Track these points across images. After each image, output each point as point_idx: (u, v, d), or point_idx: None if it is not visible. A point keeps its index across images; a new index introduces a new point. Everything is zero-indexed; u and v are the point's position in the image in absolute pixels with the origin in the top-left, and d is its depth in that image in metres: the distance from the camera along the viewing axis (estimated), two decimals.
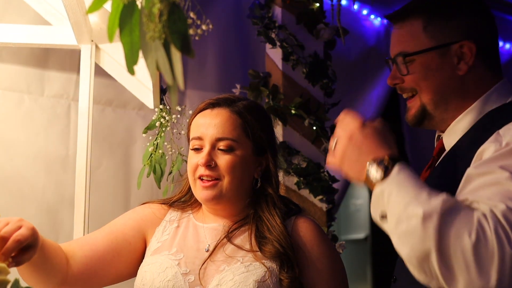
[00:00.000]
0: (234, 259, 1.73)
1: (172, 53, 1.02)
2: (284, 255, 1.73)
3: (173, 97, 1.06)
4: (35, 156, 2.89)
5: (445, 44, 1.61)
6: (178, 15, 1.02)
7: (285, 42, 3.13)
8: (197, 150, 1.78)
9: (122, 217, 1.90)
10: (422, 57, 1.64)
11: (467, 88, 1.62)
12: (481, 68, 1.62)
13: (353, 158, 1.46)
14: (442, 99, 1.65)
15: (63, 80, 2.99)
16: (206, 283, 1.70)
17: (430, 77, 1.64)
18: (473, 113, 1.62)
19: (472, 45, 1.59)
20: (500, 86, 1.63)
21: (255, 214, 1.83)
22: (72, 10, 2.20)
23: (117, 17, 1.06)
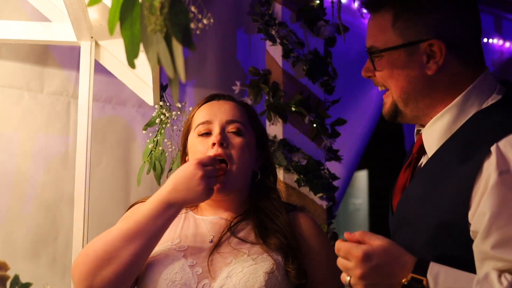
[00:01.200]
0: (240, 252, 1.74)
1: (174, 46, 1.01)
2: (288, 246, 1.76)
3: (174, 91, 1.06)
4: (35, 153, 2.88)
5: (413, 42, 1.57)
6: (180, 7, 1.01)
7: (285, 39, 3.12)
8: (205, 135, 1.81)
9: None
10: (389, 54, 1.60)
11: (439, 87, 1.58)
12: (455, 67, 1.57)
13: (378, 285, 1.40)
14: (410, 97, 1.62)
15: (63, 77, 2.98)
16: (215, 275, 1.70)
17: (397, 75, 1.61)
18: (453, 111, 1.57)
19: (442, 44, 1.54)
20: (480, 81, 1.59)
21: (256, 207, 1.85)
22: (72, 7, 2.19)
23: (117, 10, 1.06)
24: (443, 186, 1.50)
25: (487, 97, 1.57)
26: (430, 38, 1.55)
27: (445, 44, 1.54)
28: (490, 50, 5.00)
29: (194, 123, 1.86)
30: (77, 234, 2.42)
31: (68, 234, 2.79)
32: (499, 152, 1.41)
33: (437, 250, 1.48)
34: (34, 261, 2.81)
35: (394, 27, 1.58)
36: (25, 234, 2.81)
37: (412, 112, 1.64)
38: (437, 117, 1.59)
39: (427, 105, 1.61)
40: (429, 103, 1.61)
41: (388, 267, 1.39)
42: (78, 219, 2.43)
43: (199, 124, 1.83)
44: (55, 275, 2.84)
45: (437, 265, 1.38)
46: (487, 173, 1.40)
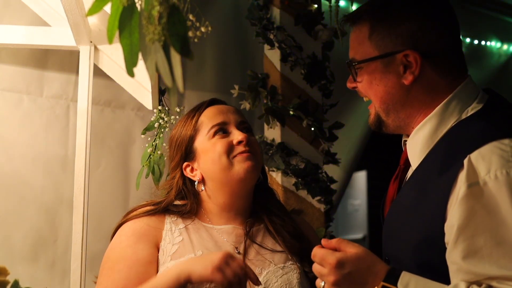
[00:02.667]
0: (265, 261, 1.80)
1: (172, 56, 1.03)
2: (302, 248, 1.84)
3: (172, 99, 1.07)
4: (34, 157, 2.89)
5: (389, 54, 1.58)
6: (178, 17, 1.03)
7: (283, 43, 3.13)
8: (222, 136, 1.83)
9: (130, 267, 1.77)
10: (368, 65, 1.62)
11: (417, 96, 1.59)
12: (432, 76, 1.58)
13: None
14: (390, 107, 1.63)
15: (62, 81, 2.99)
16: (250, 286, 1.73)
17: (375, 86, 1.62)
18: (433, 120, 1.58)
19: (417, 54, 1.56)
20: (460, 90, 1.60)
21: (265, 208, 1.91)
22: (71, 11, 2.20)
23: (116, 19, 1.07)
24: (426, 198, 1.51)
25: (467, 106, 1.58)
26: (405, 49, 1.56)
27: (420, 54, 1.56)
28: (488, 53, 5.02)
29: (206, 126, 1.85)
30: (76, 238, 2.43)
31: (67, 237, 2.80)
32: (470, 165, 1.42)
33: (420, 261, 1.50)
34: (33, 264, 2.82)
35: (370, 39, 1.61)
36: (24, 237, 2.81)
37: (394, 122, 1.66)
38: (418, 127, 1.61)
39: (408, 115, 1.63)
40: (410, 113, 1.62)
41: (360, 275, 1.43)
42: (77, 223, 2.44)
43: (213, 125, 1.84)
44: (54, 278, 2.85)
45: (408, 274, 1.42)
46: (458, 186, 1.42)
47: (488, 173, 1.39)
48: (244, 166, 1.80)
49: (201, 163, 1.85)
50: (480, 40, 4.92)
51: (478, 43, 4.91)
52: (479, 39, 4.91)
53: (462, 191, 1.40)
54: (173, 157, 1.91)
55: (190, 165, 1.88)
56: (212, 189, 1.86)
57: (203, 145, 1.85)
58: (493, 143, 1.43)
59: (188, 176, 1.89)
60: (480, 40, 4.93)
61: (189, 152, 1.87)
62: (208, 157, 1.83)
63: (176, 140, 1.91)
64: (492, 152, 1.42)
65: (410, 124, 1.64)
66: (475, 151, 1.43)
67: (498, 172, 1.39)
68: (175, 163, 1.90)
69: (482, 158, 1.42)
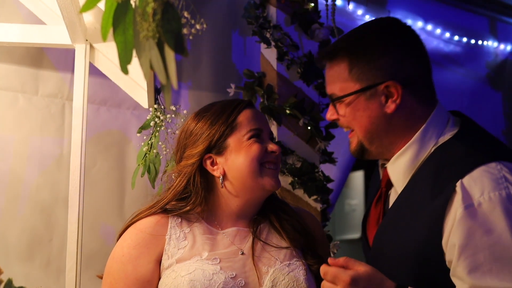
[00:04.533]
0: (271, 258, 1.82)
1: (166, 52, 1.02)
2: (306, 241, 1.88)
3: (167, 97, 1.07)
4: (29, 155, 2.88)
5: (370, 86, 1.65)
6: (172, 14, 1.02)
7: (280, 42, 3.13)
8: (259, 139, 1.85)
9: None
10: (350, 99, 1.68)
11: (399, 123, 1.67)
12: (412, 103, 1.67)
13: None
14: (375, 136, 1.71)
15: (58, 80, 2.98)
16: (258, 285, 1.76)
17: (359, 118, 1.69)
18: (414, 146, 1.67)
19: (397, 84, 1.63)
20: (435, 116, 1.69)
21: (272, 205, 1.93)
22: (66, 10, 2.20)
23: (110, 16, 1.07)
24: (416, 221, 1.60)
25: (442, 130, 1.68)
26: (385, 80, 1.64)
27: (400, 83, 1.63)
28: (485, 52, 5.02)
29: (245, 127, 1.86)
30: (71, 236, 2.42)
31: (62, 236, 2.79)
32: (463, 189, 1.52)
33: (417, 278, 1.60)
34: (28, 263, 2.81)
35: (350, 74, 1.67)
36: (19, 236, 2.80)
37: (377, 149, 1.73)
38: (400, 153, 1.69)
39: (391, 142, 1.71)
40: (392, 140, 1.70)
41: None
42: (72, 221, 2.43)
43: (253, 129, 1.85)
44: (49, 277, 2.84)
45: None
46: (454, 208, 1.52)
47: (482, 195, 1.50)
48: (271, 182, 1.84)
49: (230, 160, 1.84)
50: (477, 39, 4.92)
51: (475, 43, 4.91)
52: (476, 38, 4.92)
53: (459, 213, 1.50)
54: (195, 144, 1.87)
55: (213, 158, 1.86)
56: (231, 189, 1.86)
57: (238, 143, 1.84)
58: (482, 168, 1.54)
59: (207, 169, 1.86)
60: (477, 39, 4.93)
61: (219, 146, 1.86)
62: (241, 156, 1.83)
63: (204, 129, 1.87)
64: (482, 176, 1.52)
65: (392, 150, 1.72)
66: (466, 175, 1.53)
67: (491, 193, 1.50)
68: (198, 151, 1.85)
69: (474, 182, 1.52)
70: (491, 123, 5.00)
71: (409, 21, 4.49)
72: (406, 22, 4.13)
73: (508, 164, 1.56)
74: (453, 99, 4.75)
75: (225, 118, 1.86)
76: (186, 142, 1.89)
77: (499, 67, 5.12)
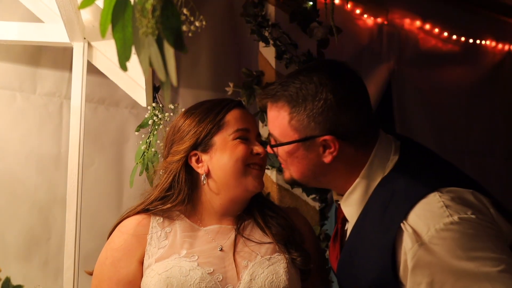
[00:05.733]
0: (252, 253, 1.82)
1: (165, 49, 1.01)
2: (289, 236, 1.87)
3: (166, 94, 1.06)
4: (27, 155, 2.87)
5: (308, 138, 1.66)
6: (171, 10, 1.01)
7: (279, 41, 3.12)
8: (245, 140, 1.85)
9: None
10: (288, 146, 1.70)
11: (339, 168, 1.69)
12: (350, 152, 1.68)
13: None
14: (310, 179, 1.76)
15: (56, 78, 2.98)
16: (236, 279, 1.76)
17: (296, 163, 1.72)
18: (362, 183, 1.69)
19: (335, 139, 1.64)
20: (378, 150, 1.70)
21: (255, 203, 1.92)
22: (64, 8, 2.19)
23: (109, 12, 1.06)
24: (368, 258, 1.63)
25: (387, 161, 1.69)
26: (324, 135, 1.64)
27: (338, 138, 1.64)
28: (483, 52, 5.02)
29: (231, 126, 1.86)
30: (69, 236, 2.42)
31: (60, 235, 2.78)
32: (410, 227, 1.54)
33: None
34: (26, 262, 2.80)
35: (290, 124, 1.68)
36: (17, 235, 2.80)
37: (315, 185, 1.82)
38: (349, 191, 1.71)
39: (330, 181, 1.75)
40: (332, 180, 1.74)
41: None
42: (70, 221, 2.42)
43: (239, 129, 1.86)
44: (47, 276, 2.83)
45: None
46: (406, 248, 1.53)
47: (428, 231, 1.51)
48: (255, 183, 1.85)
49: (215, 158, 1.85)
50: (475, 39, 4.93)
51: (473, 42, 4.92)
52: (474, 38, 4.92)
53: (413, 253, 1.52)
54: (181, 140, 1.88)
55: (198, 156, 1.87)
56: (214, 188, 1.87)
57: (223, 142, 1.85)
58: (422, 201, 1.55)
59: (192, 165, 1.87)
60: (475, 39, 4.93)
61: (205, 143, 1.86)
62: (225, 156, 1.83)
63: (192, 126, 1.88)
64: (424, 210, 1.54)
65: (336, 188, 1.77)
66: (410, 213, 1.55)
67: (436, 226, 1.50)
68: (184, 148, 1.86)
69: (418, 218, 1.54)
70: (489, 123, 5.00)
71: (407, 20, 4.49)
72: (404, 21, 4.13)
73: (448, 190, 1.58)
74: (450, 98, 4.75)
75: (213, 117, 1.87)
76: (173, 138, 1.91)
77: (497, 66, 5.12)
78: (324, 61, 1.86)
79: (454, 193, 1.57)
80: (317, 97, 1.64)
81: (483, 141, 4.97)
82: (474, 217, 1.52)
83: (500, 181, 4.92)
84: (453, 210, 1.52)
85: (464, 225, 1.49)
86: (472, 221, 1.51)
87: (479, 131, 4.93)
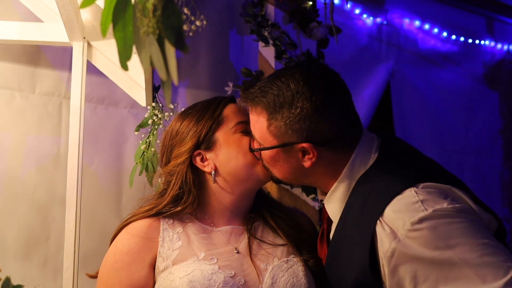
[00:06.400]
0: (269, 256, 1.82)
1: (166, 48, 1.01)
2: (300, 237, 1.88)
3: (167, 93, 1.06)
4: (26, 154, 2.86)
5: (287, 144, 1.67)
6: (172, 10, 1.01)
7: (278, 41, 3.12)
8: (247, 132, 1.85)
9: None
10: (268, 151, 1.72)
11: (318, 171, 1.71)
12: (330, 157, 1.68)
13: None
14: (292, 180, 1.79)
15: (55, 78, 2.97)
16: (258, 282, 1.75)
17: (278, 167, 1.74)
18: (344, 182, 1.69)
19: (313, 147, 1.65)
20: (359, 149, 1.70)
21: (264, 204, 1.93)
22: (64, 7, 2.18)
23: (110, 12, 1.06)
24: (349, 255, 1.64)
25: (369, 158, 1.69)
26: (301, 142, 1.65)
27: (316, 145, 1.65)
28: (482, 52, 5.02)
29: (232, 120, 1.86)
30: (69, 235, 2.41)
31: (59, 235, 2.78)
32: (386, 224, 1.54)
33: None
34: (25, 262, 2.80)
35: (268, 130, 1.69)
36: (16, 235, 2.79)
37: (298, 184, 1.89)
38: (332, 190, 1.72)
39: (312, 182, 1.76)
40: (313, 181, 1.75)
41: None
42: (70, 220, 2.42)
43: (240, 122, 1.86)
44: (46, 276, 2.83)
45: None
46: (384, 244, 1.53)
47: (404, 225, 1.51)
48: (265, 172, 1.84)
49: (221, 154, 1.84)
50: (473, 39, 4.93)
51: (472, 42, 4.92)
52: (473, 38, 4.92)
53: (391, 249, 1.52)
54: (182, 142, 1.86)
55: (202, 155, 1.85)
56: (223, 184, 1.85)
57: (226, 137, 1.84)
58: (398, 198, 1.56)
59: (198, 166, 1.86)
60: (474, 39, 4.93)
61: (208, 141, 1.85)
62: (233, 150, 1.83)
63: (191, 126, 1.87)
64: (400, 205, 1.54)
65: (319, 187, 1.79)
66: (386, 209, 1.55)
67: (412, 220, 1.50)
68: (187, 149, 1.85)
69: (394, 214, 1.54)
70: (488, 123, 5.00)
71: (406, 20, 4.50)
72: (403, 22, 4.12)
73: (424, 185, 1.58)
74: (449, 98, 4.75)
75: (211, 113, 1.87)
76: (172, 142, 1.89)
77: (496, 66, 5.12)
78: (303, 65, 1.84)
79: (430, 188, 1.58)
80: (293, 105, 1.64)
81: (482, 141, 4.97)
82: (451, 207, 1.52)
83: (499, 181, 4.92)
84: (428, 204, 1.52)
85: (440, 216, 1.50)
86: (447, 211, 1.51)
87: (478, 131, 4.94)
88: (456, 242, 1.47)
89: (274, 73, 1.76)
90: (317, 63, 1.73)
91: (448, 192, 1.59)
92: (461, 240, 1.47)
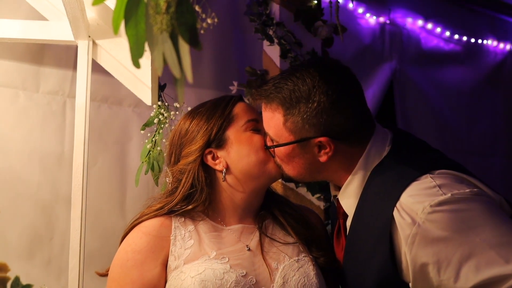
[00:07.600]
0: (280, 254, 1.81)
1: (180, 46, 1.00)
2: (309, 234, 1.87)
3: (180, 91, 1.05)
4: (30, 153, 2.86)
5: (303, 139, 1.68)
6: (186, 7, 1.00)
7: (283, 39, 3.12)
8: (257, 131, 1.85)
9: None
10: (284, 147, 1.72)
11: (333, 166, 1.71)
12: (346, 150, 1.69)
13: None
14: (306, 177, 1.79)
15: (59, 77, 2.96)
16: (269, 282, 1.75)
17: (292, 163, 1.74)
18: (359, 174, 1.70)
19: (330, 140, 1.65)
20: (373, 141, 1.71)
21: (273, 202, 1.92)
22: (70, 5, 2.17)
23: (122, 9, 1.05)
24: (368, 247, 1.64)
25: (383, 151, 1.71)
26: (318, 136, 1.66)
27: (333, 139, 1.66)
28: (484, 51, 5.02)
29: (242, 117, 1.85)
30: (74, 235, 2.40)
31: (63, 234, 2.77)
32: (404, 209, 1.54)
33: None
34: (29, 261, 2.79)
35: (285, 126, 1.69)
36: (20, 234, 2.78)
37: (311, 180, 1.87)
38: (347, 183, 1.73)
39: (326, 176, 1.77)
40: (328, 175, 1.76)
41: None
42: (75, 220, 2.40)
43: (250, 120, 1.85)
44: (51, 276, 2.82)
45: None
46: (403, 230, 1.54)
47: (423, 209, 1.51)
48: (276, 168, 1.83)
49: (233, 152, 1.82)
50: (476, 38, 4.93)
51: (475, 42, 4.92)
52: (476, 37, 4.92)
53: (412, 234, 1.52)
54: (193, 140, 1.85)
55: (213, 153, 1.84)
56: (234, 182, 1.84)
57: (237, 135, 1.83)
58: (415, 183, 1.57)
59: (209, 164, 1.84)
60: (477, 38, 4.93)
61: (219, 139, 1.84)
62: (244, 148, 1.82)
63: (201, 124, 1.86)
64: (417, 190, 1.56)
65: (333, 181, 1.79)
66: (402, 194, 1.56)
67: (432, 203, 1.51)
68: (198, 147, 1.83)
69: (412, 199, 1.55)
70: (491, 122, 5.00)
71: (409, 20, 4.49)
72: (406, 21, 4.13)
73: (439, 172, 1.60)
74: (452, 98, 4.75)
75: (221, 111, 1.86)
76: (181, 141, 1.87)
77: (498, 66, 5.12)
78: (318, 60, 1.86)
79: (446, 174, 1.59)
80: (310, 100, 1.64)
81: (485, 140, 4.97)
82: (468, 190, 1.53)
83: (502, 181, 4.92)
84: (446, 188, 1.53)
85: (458, 200, 1.51)
86: (465, 195, 1.52)
87: (481, 130, 4.93)
88: (476, 223, 1.48)
89: (286, 70, 1.76)
90: (329, 58, 1.73)
91: (463, 178, 1.60)
92: (481, 221, 1.49)
